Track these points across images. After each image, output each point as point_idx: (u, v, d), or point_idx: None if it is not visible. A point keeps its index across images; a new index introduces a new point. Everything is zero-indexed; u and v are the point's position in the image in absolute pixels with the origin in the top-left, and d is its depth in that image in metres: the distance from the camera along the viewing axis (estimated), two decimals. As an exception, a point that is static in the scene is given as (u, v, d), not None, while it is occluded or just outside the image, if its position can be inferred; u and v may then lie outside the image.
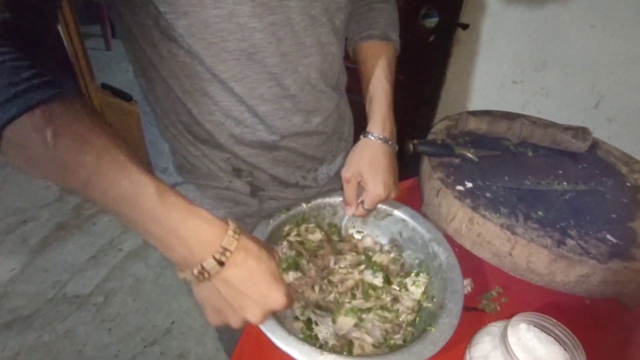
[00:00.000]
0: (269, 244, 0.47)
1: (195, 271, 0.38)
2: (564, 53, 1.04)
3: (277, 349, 0.49)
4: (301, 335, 0.56)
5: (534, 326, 0.53)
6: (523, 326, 0.53)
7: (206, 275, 0.38)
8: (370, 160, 0.62)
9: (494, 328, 0.54)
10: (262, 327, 0.51)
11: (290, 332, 0.51)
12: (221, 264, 0.38)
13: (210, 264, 0.38)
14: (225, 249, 0.38)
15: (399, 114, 0.69)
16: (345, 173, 0.63)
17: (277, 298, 0.41)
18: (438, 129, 0.86)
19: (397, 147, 0.67)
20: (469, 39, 1.15)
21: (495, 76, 1.15)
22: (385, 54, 0.68)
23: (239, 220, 0.45)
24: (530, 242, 0.61)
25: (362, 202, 0.65)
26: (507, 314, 0.64)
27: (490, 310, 0.65)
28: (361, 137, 0.65)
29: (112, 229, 1.91)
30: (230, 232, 0.39)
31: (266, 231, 0.65)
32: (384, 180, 0.62)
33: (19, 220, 1.92)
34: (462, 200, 0.67)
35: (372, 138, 0.63)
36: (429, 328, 0.54)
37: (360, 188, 0.65)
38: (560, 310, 0.65)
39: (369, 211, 0.66)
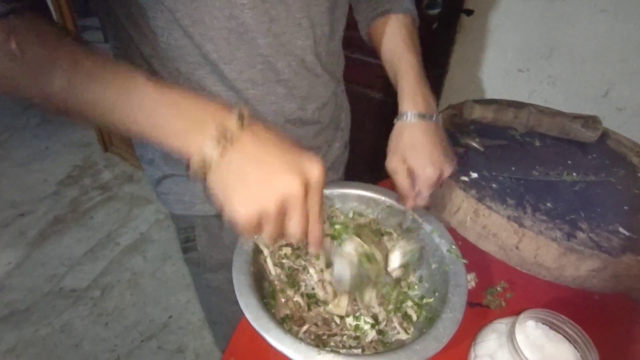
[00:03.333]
0: None
1: (196, 157, 0.32)
2: (572, 39, 1.00)
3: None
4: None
5: (543, 323, 0.50)
6: (531, 323, 0.51)
7: (208, 162, 0.32)
8: (410, 142, 0.55)
9: (500, 325, 0.52)
10: (255, 325, 0.49)
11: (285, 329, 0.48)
12: (240, 127, 0.33)
13: (209, 145, 0.32)
14: (226, 130, 0.33)
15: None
16: (389, 164, 0.57)
17: (310, 162, 0.33)
18: (441, 118, 0.83)
19: (439, 120, 0.59)
20: (473, 26, 1.11)
21: (500, 64, 1.11)
22: (405, 26, 0.61)
23: None
24: (539, 234, 0.58)
25: (419, 192, 0.59)
26: (512, 310, 0.61)
27: (495, 306, 0.62)
28: (395, 121, 0.58)
29: (110, 222, 1.89)
30: (235, 115, 0.33)
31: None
32: (432, 159, 0.55)
33: (16, 213, 1.91)
34: (467, 191, 0.64)
35: (406, 119, 0.56)
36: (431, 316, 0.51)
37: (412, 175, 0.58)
38: (568, 306, 0.62)
39: (430, 196, 0.58)
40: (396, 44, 0.60)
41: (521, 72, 1.09)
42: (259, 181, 0.33)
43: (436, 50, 1.18)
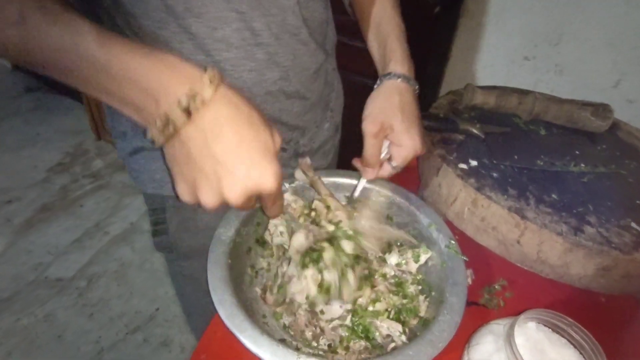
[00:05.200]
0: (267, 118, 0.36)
1: (159, 123, 0.31)
2: (582, 25, 0.95)
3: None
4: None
5: (545, 325, 0.45)
6: (532, 325, 0.46)
7: (170, 129, 0.31)
8: (402, 106, 0.50)
9: (498, 326, 0.46)
10: (229, 324, 0.44)
11: (264, 329, 0.44)
12: (188, 113, 0.30)
13: (175, 112, 0.30)
14: (196, 94, 0.30)
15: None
16: (370, 126, 0.50)
17: (263, 175, 0.32)
18: (441, 103, 0.78)
19: (418, 89, 0.55)
20: (477, 10, 1.05)
21: (504, 51, 1.05)
22: None
23: None
24: (543, 228, 0.52)
25: (388, 160, 0.54)
26: (512, 311, 0.57)
27: (492, 305, 0.58)
28: (381, 80, 0.53)
29: (99, 211, 1.84)
30: (207, 78, 0.31)
31: (241, 215, 0.57)
32: (419, 130, 0.51)
33: (4, 200, 1.86)
34: (465, 180, 0.59)
35: (397, 79, 0.51)
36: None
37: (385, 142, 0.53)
38: (573, 308, 0.57)
39: (396, 171, 0.55)
40: (384, 7, 0.56)
41: (527, 59, 1.03)
42: (205, 173, 0.32)
43: (438, 36, 1.12)
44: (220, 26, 0.44)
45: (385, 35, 0.55)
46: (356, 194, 0.59)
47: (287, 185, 0.63)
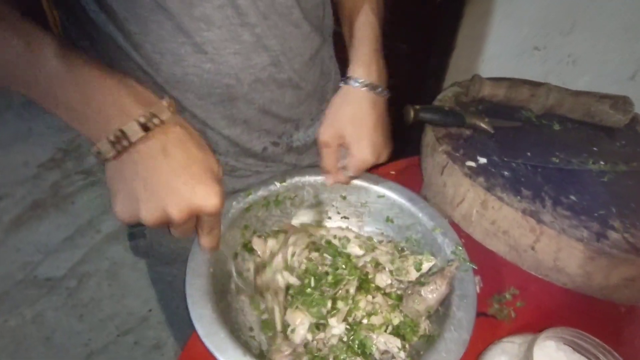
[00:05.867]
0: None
1: (112, 136, 0.32)
2: (596, 12, 0.88)
3: None
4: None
5: (565, 344, 0.40)
6: (551, 344, 0.40)
7: (124, 143, 0.32)
8: (353, 115, 0.50)
9: (512, 345, 0.41)
10: (208, 343, 0.39)
11: (249, 347, 0.39)
12: (146, 129, 0.32)
13: (132, 127, 0.32)
14: (154, 115, 0.33)
15: (400, 87, 0.56)
16: (323, 135, 0.51)
17: (208, 194, 0.34)
18: (445, 96, 0.72)
19: (387, 95, 0.53)
20: (484, -3, 0.99)
21: (513, 41, 0.99)
22: None
23: None
24: (561, 233, 0.47)
25: (344, 167, 0.53)
26: (524, 323, 0.52)
27: (502, 317, 0.53)
28: (340, 84, 0.52)
29: (92, 208, 1.79)
30: (165, 103, 0.34)
31: (227, 217, 0.51)
32: (372, 141, 0.49)
33: (-7, 197, 1.81)
34: (473, 179, 0.53)
35: (356, 85, 0.50)
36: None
37: (343, 150, 0.52)
38: (591, 320, 0.52)
39: (352, 179, 0.54)
40: (360, 3, 0.53)
41: (537, 50, 0.97)
42: (149, 192, 0.33)
43: (441, 25, 1.06)
44: (199, 2, 0.39)
45: (354, 32, 0.53)
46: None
47: (277, 184, 0.57)
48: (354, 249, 0.55)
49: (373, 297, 0.49)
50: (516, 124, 0.65)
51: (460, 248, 0.51)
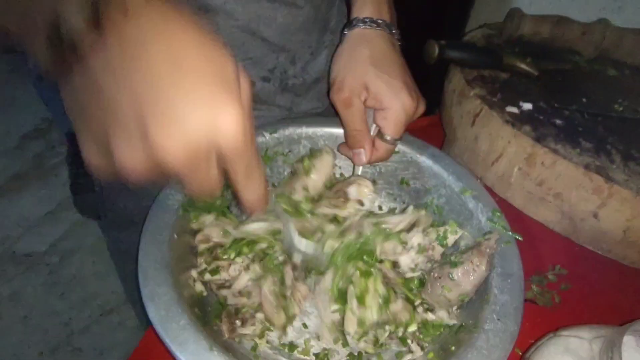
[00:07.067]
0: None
1: (54, 39, 0.19)
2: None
3: None
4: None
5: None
6: (629, 341, 0.29)
7: (67, 48, 0.19)
8: (373, 57, 0.38)
9: (578, 341, 0.30)
10: (162, 331, 0.29)
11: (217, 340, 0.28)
12: (96, 22, 0.19)
13: (77, 21, 0.19)
14: None
15: (414, 23, 0.44)
16: (340, 93, 0.38)
17: (223, 112, 0.20)
18: (473, 37, 0.59)
19: (400, 41, 0.42)
20: None
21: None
22: None
23: None
24: (639, 195, 0.35)
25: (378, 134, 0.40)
26: (571, 310, 0.42)
27: (544, 302, 0.43)
28: (345, 31, 0.40)
29: (77, 181, 1.68)
30: None
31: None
32: (406, 84, 0.37)
33: (-28, 168, 1.70)
34: (517, 127, 0.41)
35: (368, 26, 0.39)
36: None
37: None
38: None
39: (394, 145, 0.41)
40: None
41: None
42: (124, 119, 0.20)
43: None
44: None
45: None
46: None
47: (267, 135, 0.45)
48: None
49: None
50: (565, 66, 0.52)
51: (499, 214, 0.39)
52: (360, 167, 0.43)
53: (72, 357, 1.18)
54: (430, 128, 0.62)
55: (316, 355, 0.35)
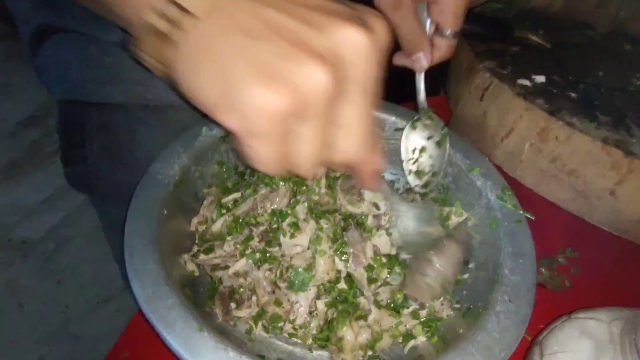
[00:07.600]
0: None
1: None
2: None
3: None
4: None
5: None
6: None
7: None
8: None
9: (596, 324, 0.28)
10: (147, 310, 0.28)
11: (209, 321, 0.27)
12: None
13: None
14: None
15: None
16: None
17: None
18: (483, 10, 0.56)
19: None
20: None
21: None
22: None
23: None
24: (661, 170, 0.33)
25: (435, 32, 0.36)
26: (581, 293, 0.40)
27: (554, 286, 0.42)
28: None
29: (74, 169, 1.66)
30: None
31: (193, 148, 0.38)
32: None
33: (-33, 155, 1.68)
34: (530, 100, 0.39)
35: None
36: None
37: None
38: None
39: (456, 40, 0.36)
40: None
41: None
42: (287, 54, 0.18)
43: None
44: None
45: None
46: (421, 97, 0.41)
47: None
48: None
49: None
50: (578, 39, 0.50)
51: (509, 192, 0.37)
52: (422, 79, 0.40)
53: (68, 345, 1.17)
54: (436, 109, 0.59)
55: (314, 338, 0.33)
